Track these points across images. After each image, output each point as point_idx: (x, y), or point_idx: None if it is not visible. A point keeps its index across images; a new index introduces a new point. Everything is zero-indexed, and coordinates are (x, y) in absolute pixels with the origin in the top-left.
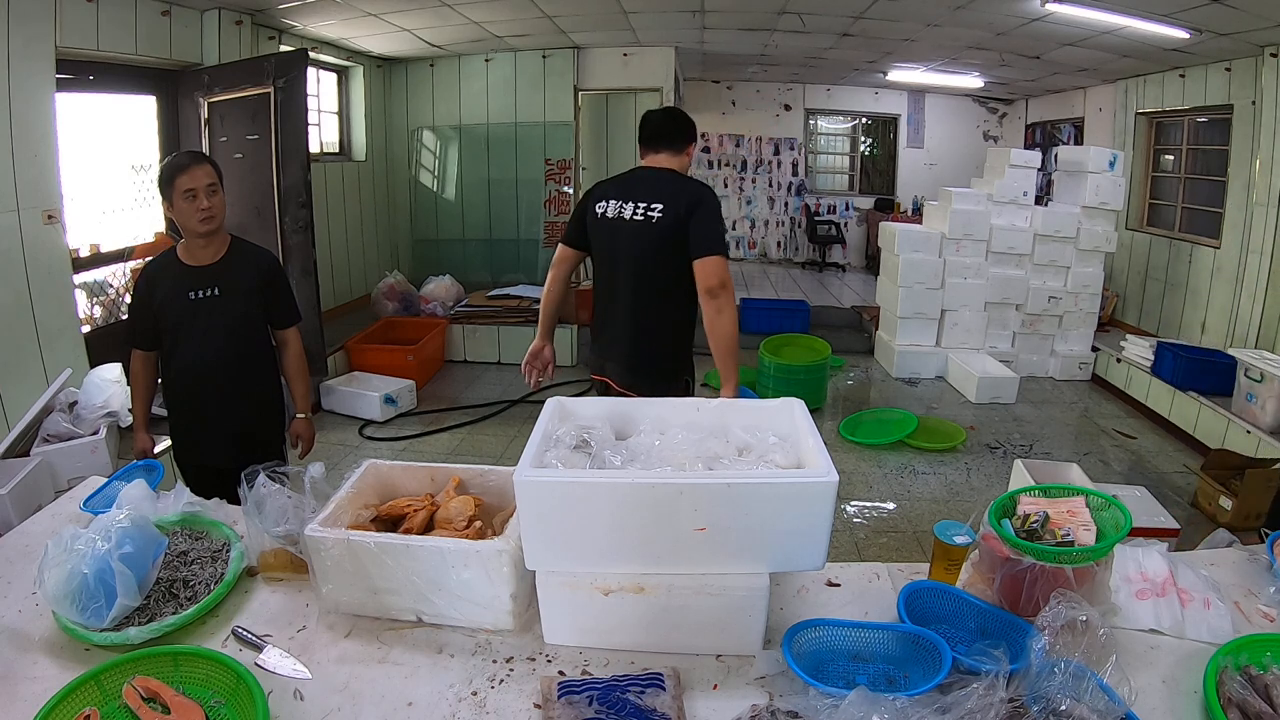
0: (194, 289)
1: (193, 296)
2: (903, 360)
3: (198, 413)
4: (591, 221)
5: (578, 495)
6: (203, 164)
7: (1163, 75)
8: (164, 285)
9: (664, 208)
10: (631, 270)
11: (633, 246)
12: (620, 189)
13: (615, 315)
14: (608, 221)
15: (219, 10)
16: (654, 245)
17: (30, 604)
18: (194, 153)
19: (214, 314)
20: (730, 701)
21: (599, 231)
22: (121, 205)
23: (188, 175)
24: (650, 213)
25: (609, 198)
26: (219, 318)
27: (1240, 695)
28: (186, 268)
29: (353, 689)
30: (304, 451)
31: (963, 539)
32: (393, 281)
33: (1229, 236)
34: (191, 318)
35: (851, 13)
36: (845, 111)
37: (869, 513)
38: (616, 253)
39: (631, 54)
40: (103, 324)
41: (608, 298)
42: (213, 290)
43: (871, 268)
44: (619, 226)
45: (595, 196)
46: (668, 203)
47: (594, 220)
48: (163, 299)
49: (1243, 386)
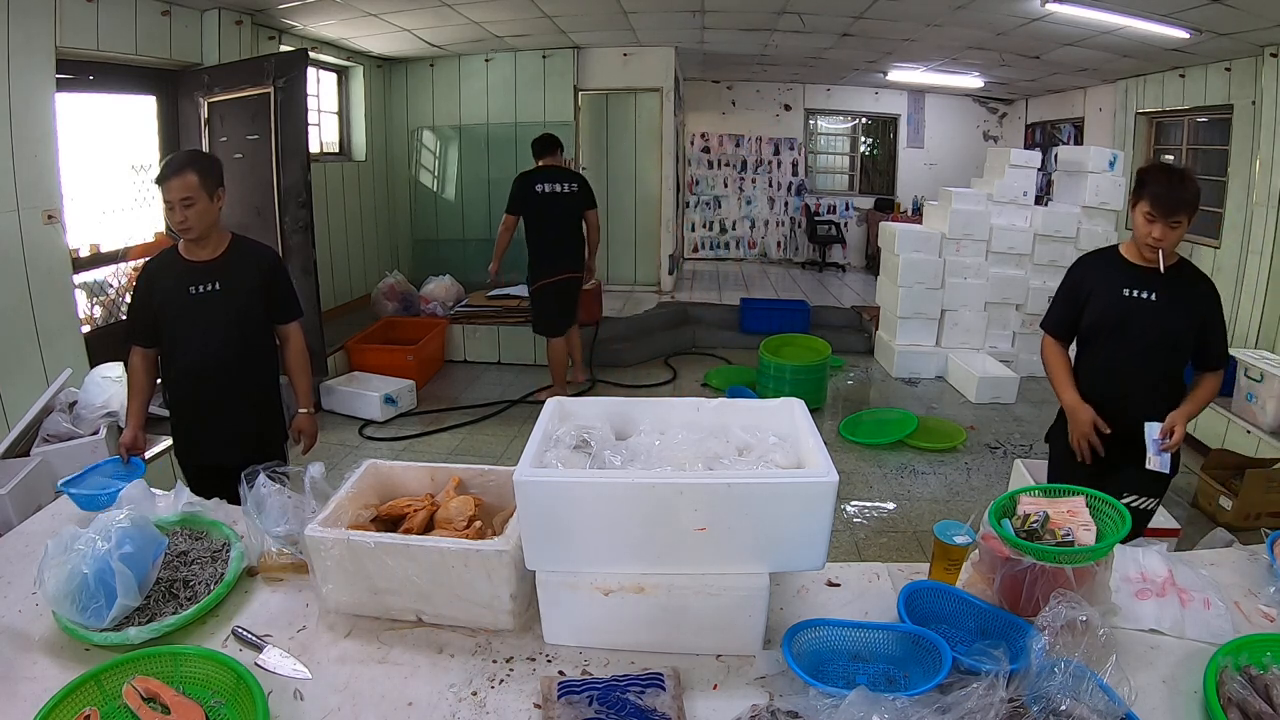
0: (195, 284)
1: (194, 292)
2: (903, 360)
3: (199, 409)
4: (536, 197)
5: (578, 495)
6: (181, 175)
7: (1163, 75)
8: (165, 281)
9: (575, 186)
10: (565, 224)
11: (563, 210)
12: (547, 176)
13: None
14: (548, 195)
15: (219, 10)
16: (575, 208)
17: (30, 604)
18: (177, 160)
19: (215, 309)
20: (730, 701)
21: (543, 202)
22: (121, 205)
23: (165, 187)
24: (570, 189)
25: (544, 181)
26: (220, 313)
27: (1240, 695)
28: (188, 264)
29: (353, 689)
30: (307, 448)
31: (963, 539)
32: (393, 281)
33: (1229, 236)
34: (192, 313)
35: (851, 13)
36: (845, 111)
37: (869, 513)
38: (556, 213)
39: (631, 54)
40: (103, 324)
41: (553, 240)
42: (213, 286)
43: (871, 268)
44: (556, 198)
45: (534, 181)
46: (574, 182)
47: (538, 195)
48: (163, 295)
49: (1243, 386)
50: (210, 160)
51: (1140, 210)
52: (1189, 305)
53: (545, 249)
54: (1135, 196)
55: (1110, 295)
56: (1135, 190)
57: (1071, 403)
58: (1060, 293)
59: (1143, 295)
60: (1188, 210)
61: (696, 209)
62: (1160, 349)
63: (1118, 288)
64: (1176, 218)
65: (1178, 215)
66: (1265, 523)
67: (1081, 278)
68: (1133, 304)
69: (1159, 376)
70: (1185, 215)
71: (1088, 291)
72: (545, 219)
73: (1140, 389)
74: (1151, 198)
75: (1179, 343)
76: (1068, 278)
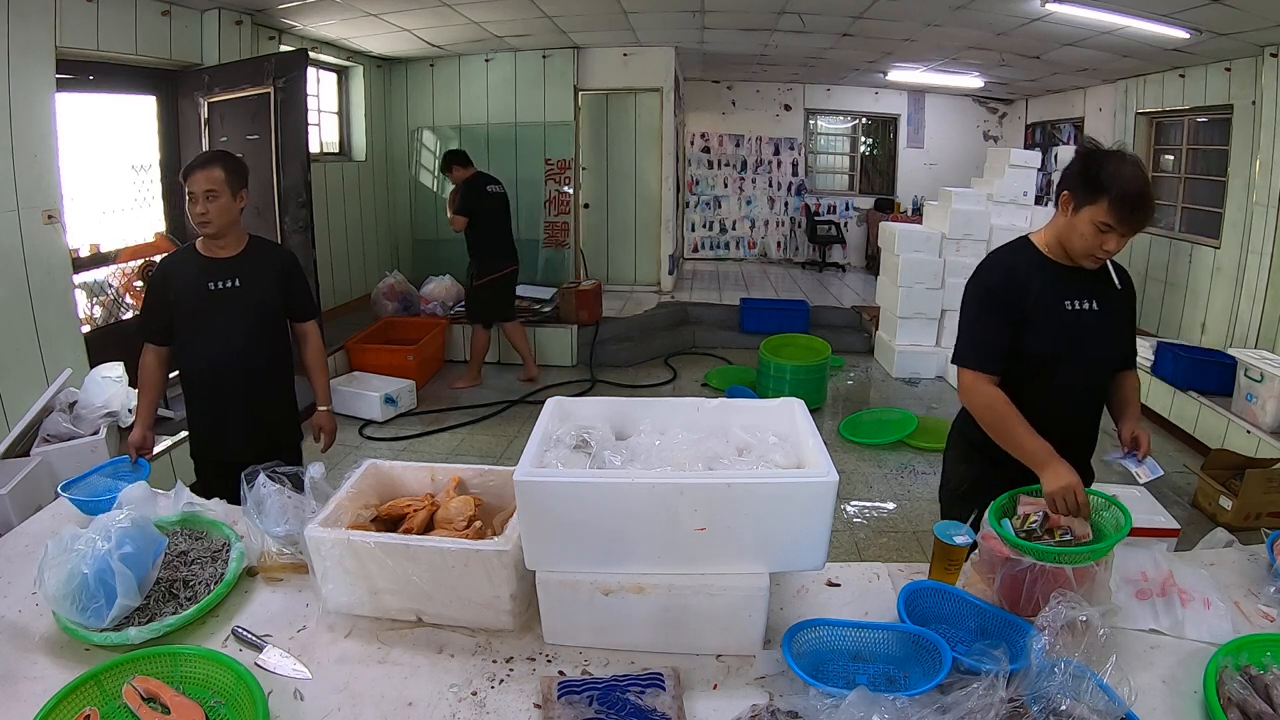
0: (214, 280)
1: (213, 287)
2: (903, 360)
3: (219, 404)
4: (488, 196)
5: (578, 495)
6: (208, 168)
7: (1163, 75)
8: (182, 278)
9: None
10: (508, 221)
11: (505, 207)
12: (489, 180)
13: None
14: (496, 195)
15: (219, 10)
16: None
17: (30, 604)
18: (207, 156)
19: (234, 305)
20: (730, 701)
21: (493, 201)
22: (121, 205)
23: (191, 178)
24: (503, 190)
25: (490, 183)
26: (239, 309)
27: (1240, 695)
28: (206, 260)
29: (353, 689)
30: (326, 445)
31: (963, 539)
32: (393, 281)
33: (1229, 237)
34: (211, 308)
35: (851, 13)
36: (845, 111)
37: (869, 513)
38: (504, 211)
39: (631, 54)
40: (103, 324)
41: (503, 236)
42: (233, 282)
43: (871, 268)
44: (500, 198)
45: (484, 183)
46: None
47: (490, 195)
48: (180, 290)
49: (1243, 386)
50: (238, 161)
51: (1093, 217)
52: (1123, 310)
53: (497, 244)
54: (1087, 197)
55: (1054, 313)
56: (1088, 189)
57: (1047, 456)
58: (979, 316)
59: (1085, 306)
60: (1152, 217)
61: (696, 209)
62: (1106, 367)
63: (1058, 301)
64: (1140, 229)
65: (1145, 227)
66: (1265, 523)
67: (1006, 292)
68: (1076, 319)
69: (1100, 398)
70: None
71: (1022, 310)
72: (496, 217)
73: (1090, 421)
74: (1119, 208)
75: (1115, 359)
76: (984, 293)
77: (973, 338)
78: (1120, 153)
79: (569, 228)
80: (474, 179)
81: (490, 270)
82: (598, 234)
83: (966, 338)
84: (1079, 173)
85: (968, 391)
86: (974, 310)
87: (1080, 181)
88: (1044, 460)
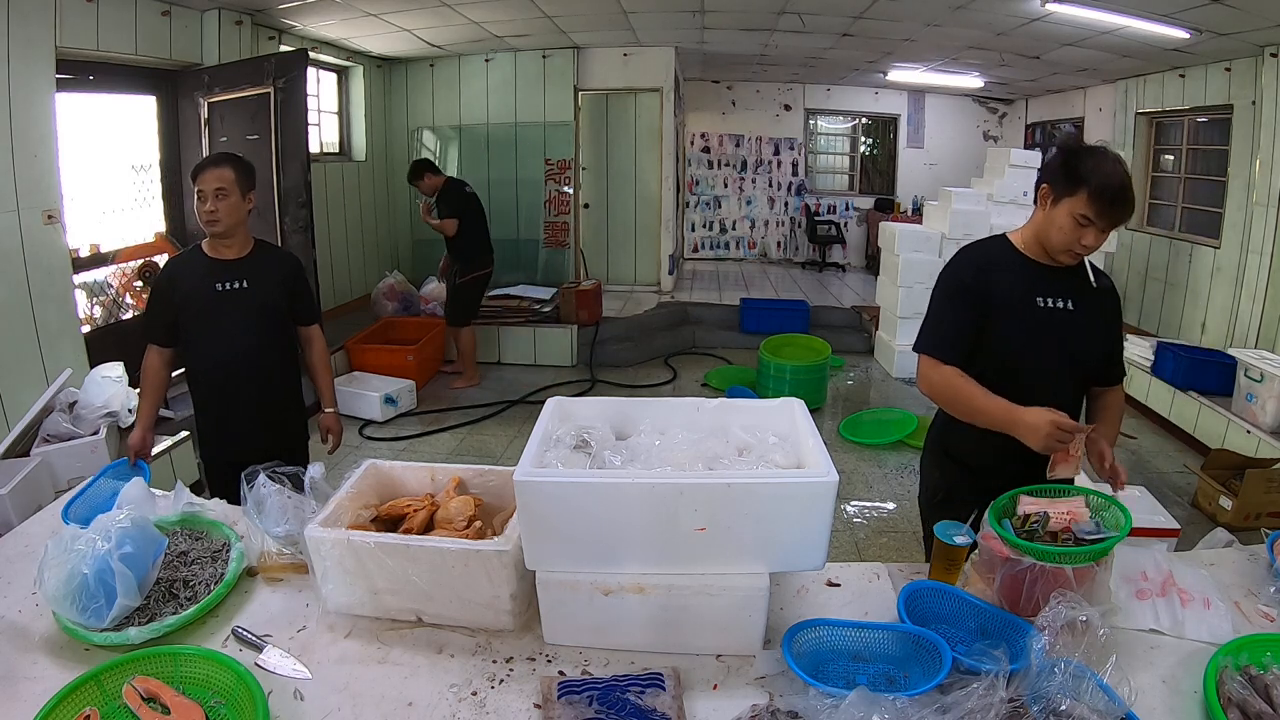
0: (221, 281)
1: (220, 288)
2: (903, 360)
3: (226, 405)
4: (469, 197)
5: (578, 495)
6: (219, 168)
7: (1163, 75)
8: (188, 278)
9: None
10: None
11: (481, 208)
12: (464, 182)
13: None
14: (474, 195)
15: (219, 10)
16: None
17: (30, 604)
18: (218, 156)
19: (241, 305)
20: (730, 701)
21: (473, 202)
22: (121, 205)
23: (200, 177)
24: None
25: (465, 186)
26: (246, 309)
27: (1240, 695)
28: (213, 261)
29: (353, 689)
30: (334, 446)
31: (963, 539)
32: (392, 281)
33: (1229, 236)
34: (219, 309)
35: (851, 13)
36: (845, 111)
37: (869, 513)
38: (482, 212)
39: (631, 54)
40: (103, 324)
41: (483, 236)
42: (240, 283)
43: (871, 268)
44: (477, 199)
45: (463, 185)
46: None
47: (470, 196)
48: (187, 291)
49: (1243, 386)
50: (247, 163)
51: (1072, 210)
52: (1103, 315)
53: (479, 244)
54: (1067, 189)
55: (1022, 307)
56: (1065, 182)
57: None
58: (945, 305)
59: (1058, 304)
60: (1132, 213)
61: (696, 209)
62: (1076, 372)
63: (1029, 297)
64: (1119, 224)
65: (1123, 222)
66: (1265, 523)
67: (976, 283)
68: (1048, 317)
69: (1077, 404)
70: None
71: (989, 302)
72: (478, 216)
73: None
74: (1098, 200)
75: (1091, 363)
76: (954, 283)
77: (934, 325)
78: (1101, 148)
79: (569, 228)
80: (451, 183)
81: (476, 268)
82: (598, 234)
83: (929, 326)
84: (1059, 165)
85: (925, 377)
86: (939, 299)
87: (1060, 174)
88: (1012, 418)
